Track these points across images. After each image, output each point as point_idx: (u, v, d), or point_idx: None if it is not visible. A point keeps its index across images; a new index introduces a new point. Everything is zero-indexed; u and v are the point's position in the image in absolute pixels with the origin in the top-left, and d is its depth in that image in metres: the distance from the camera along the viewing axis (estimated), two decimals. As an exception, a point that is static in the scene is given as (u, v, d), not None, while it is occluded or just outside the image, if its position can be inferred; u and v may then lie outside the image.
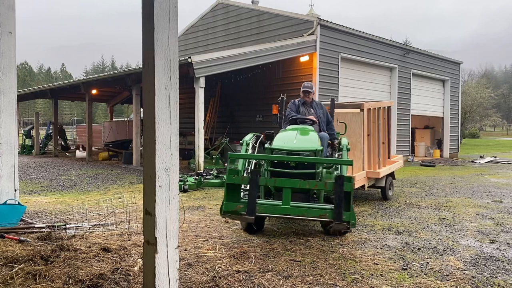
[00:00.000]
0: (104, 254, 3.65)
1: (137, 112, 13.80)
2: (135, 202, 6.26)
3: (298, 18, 14.36)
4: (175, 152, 2.59)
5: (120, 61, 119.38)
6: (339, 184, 3.90)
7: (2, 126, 5.02)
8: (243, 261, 3.78)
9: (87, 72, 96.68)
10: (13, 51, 5.09)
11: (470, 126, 46.75)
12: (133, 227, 4.93)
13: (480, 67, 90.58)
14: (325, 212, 3.98)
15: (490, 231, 5.15)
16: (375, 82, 15.98)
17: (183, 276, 3.36)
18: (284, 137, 4.94)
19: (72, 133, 32.87)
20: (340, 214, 3.85)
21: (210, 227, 5.16)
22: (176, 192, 2.60)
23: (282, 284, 3.24)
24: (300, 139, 4.84)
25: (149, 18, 2.52)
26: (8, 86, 5.06)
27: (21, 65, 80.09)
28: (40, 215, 5.76)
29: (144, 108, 2.62)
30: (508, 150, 27.93)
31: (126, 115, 38.94)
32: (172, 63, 2.57)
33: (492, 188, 9.19)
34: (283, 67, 14.02)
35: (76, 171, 11.93)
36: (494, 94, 47.91)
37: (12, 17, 5.09)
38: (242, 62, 11.96)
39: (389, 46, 16.50)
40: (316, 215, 4.03)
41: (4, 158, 5.05)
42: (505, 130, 67.97)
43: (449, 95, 20.34)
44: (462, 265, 3.81)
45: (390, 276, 3.48)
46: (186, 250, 4.10)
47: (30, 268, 3.21)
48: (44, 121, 41.29)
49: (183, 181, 8.40)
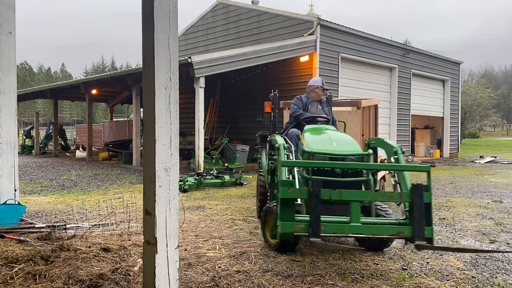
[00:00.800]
0: (104, 254, 3.65)
1: (137, 112, 13.80)
2: (135, 202, 6.26)
3: (298, 18, 14.37)
4: (175, 152, 2.59)
5: (120, 61, 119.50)
6: (417, 194, 3.30)
7: (2, 126, 5.02)
8: (243, 261, 3.78)
9: (87, 72, 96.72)
10: (13, 51, 5.09)
11: (470, 126, 46.77)
12: (133, 227, 4.93)
13: (480, 67, 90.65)
14: (403, 229, 3.33)
15: (490, 231, 5.15)
16: (375, 82, 15.99)
17: (183, 276, 3.36)
18: (318, 140, 4.33)
19: (72, 133, 32.89)
20: (421, 230, 3.26)
21: (210, 227, 5.16)
22: (176, 192, 2.60)
23: (282, 284, 3.24)
24: (340, 142, 4.26)
25: (149, 18, 2.52)
26: (8, 86, 5.06)
27: (21, 65, 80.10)
28: (40, 215, 5.76)
29: (144, 108, 2.62)
30: (508, 150, 27.93)
31: (126, 115, 38.94)
32: (172, 63, 2.57)
33: (492, 188, 9.18)
34: (283, 67, 14.02)
35: (76, 171, 11.93)
36: (494, 94, 47.96)
37: (12, 17, 5.09)
38: (242, 62, 11.97)
39: (389, 46, 16.50)
40: (393, 232, 3.38)
41: (4, 158, 5.05)
42: (505, 130, 67.98)
43: (449, 95, 20.35)
44: (462, 265, 3.81)
45: (390, 276, 3.48)
46: (186, 250, 4.10)
47: (30, 268, 3.21)
48: (44, 121, 41.28)
49: (183, 181, 8.40)
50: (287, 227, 3.29)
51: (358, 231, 3.35)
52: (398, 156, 3.94)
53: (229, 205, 6.76)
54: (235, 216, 5.84)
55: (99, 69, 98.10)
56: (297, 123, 5.28)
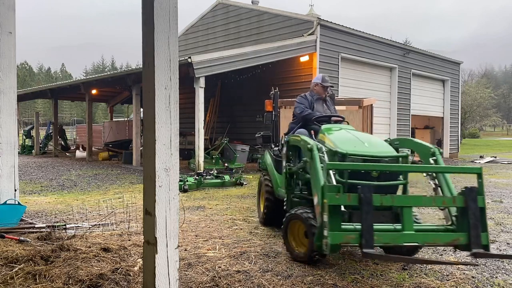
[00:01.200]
0: (104, 254, 3.65)
1: (137, 112, 13.80)
2: (135, 202, 6.26)
3: (298, 18, 14.37)
4: (175, 152, 2.59)
5: (120, 61, 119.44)
6: (471, 198, 3.09)
7: (2, 126, 5.02)
8: (243, 261, 3.78)
9: (87, 72, 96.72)
10: (13, 51, 5.09)
11: (470, 126, 46.76)
12: (133, 227, 4.93)
13: (480, 67, 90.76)
14: (458, 236, 3.11)
15: (490, 231, 5.13)
16: (375, 82, 15.99)
17: (183, 276, 3.36)
18: (346, 140, 3.97)
19: (72, 133, 32.88)
20: (477, 237, 3.03)
21: (210, 227, 5.16)
22: (176, 192, 2.60)
23: (282, 284, 3.24)
24: (370, 143, 3.95)
25: (149, 18, 2.52)
26: (8, 86, 5.06)
27: (21, 65, 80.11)
28: (40, 215, 5.76)
29: (144, 108, 2.62)
30: (508, 150, 27.92)
31: (126, 115, 38.94)
32: (172, 63, 2.57)
33: (492, 188, 9.18)
34: (283, 67, 14.02)
35: (76, 171, 11.93)
36: (494, 94, 47.97)
37: (12, 17, 5.09)
38: (242, 62, 11.97)
39: (389, 46, 16.50)
40: (448, 240, 3.16)
41: (4, 158, 5.05)
42: (505, 130, 67.96)
43: (449, 95, 20.35)
44: (462, 265, 3.81)
45: (390, 276, 3.48)
46: (186, 250, 4.10)
47: (30, 268, 3.22)
48: (44, 121, 41.28)
49: (183, 181, 8.40)
50: (337, 237, 2.99)
51: (413, 240, 3.09)
52: (437, 157, 3.73)
53: (229, 205, 6.77)
54: (235, 216, 5.84)
55: (99, 69, 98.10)
56: (304, 123, 5.01)
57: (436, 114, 20.24)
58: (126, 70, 15.58)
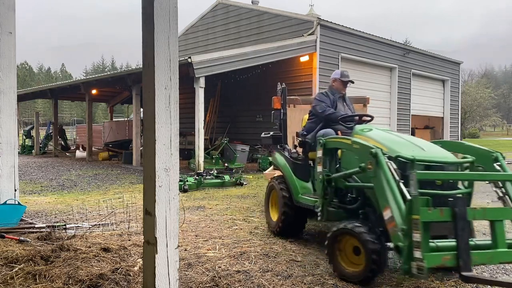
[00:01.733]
0: (104, 254, 3.65)
1: (137, 112, 13.80)
2: (135, 202, 6.25)
3: (298, 18, 14.37)
4: (175, 152, 2.59)
5: (120, 61, 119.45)
6: None
7: (2, 126, 5.02)
8: (243, 261, 3.78)
9: (87, 72, 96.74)
10: (13, 51, 5.09)
11: (470, 126, 46.78)
12: (133, 227, 4.93)
13: (480, 67, 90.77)
14: None
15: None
16: (375, 82, 15.98)
17: (183, 276, 3.36)
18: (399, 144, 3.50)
19: (72, 133, 32.86)
20: None
21: (210, 227, 5.16)
22: (176, 192, 2.60)
23: (282, 284, 3.24)
24: (425, 146, 3.51)
25: (149, 18, 2.52)
26: (8, 86, 5.06)
27: (21, 65, 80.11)
28: (40, 215, 5.76)
29: (144, 108, 2.62)
30: (508, 150, 27.89)
31: (126, 115, 38.94)
32: (172, 63, 2.57)
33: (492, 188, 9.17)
34: (283, 67, 14.02)
35: (76, 171, 11.93)
36: (494, 94, 48.01)
37: (12, 17, 5.09)
38: (242, 62, 11.96)
39: (389, 46, 16.50)
40: None
41: (4, 158, 5.05)
42: (505, 130, 67.90)
43: (449, 95, 20.36)
44: (462, 265, 3.80)
45: (390, 276, 3.48)
46: (186, 250, 4.10)
47: (30, 268, 3.21)
48: (44, 121, 41.27)
49: (183, 181, 8.40)
50: (434, 259, 2.61)
51: (508, 259, 2.83)
52: (501, 163, 3.41)
53: (229, 205, 6.76)
54: (235, 216, 5.84)
55: (99, 69, 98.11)
56: (326, 123, 4.58)
57: (436, 114, 20.24)
58: (126, 70, 15.58)
